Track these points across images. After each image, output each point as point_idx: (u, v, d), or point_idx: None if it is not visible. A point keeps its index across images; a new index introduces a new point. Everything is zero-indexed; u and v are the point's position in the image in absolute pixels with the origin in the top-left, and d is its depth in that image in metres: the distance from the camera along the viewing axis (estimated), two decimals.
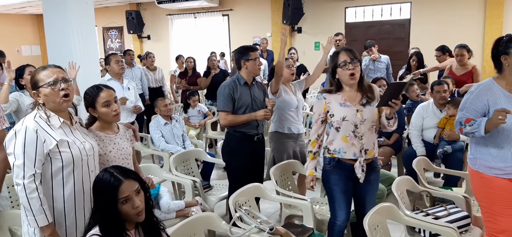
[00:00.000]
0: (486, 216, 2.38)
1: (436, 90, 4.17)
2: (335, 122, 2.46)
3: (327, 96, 2.50)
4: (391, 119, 2.44)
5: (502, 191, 2.26)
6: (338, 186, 2.52)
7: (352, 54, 2.43)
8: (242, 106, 3.09)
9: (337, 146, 2.48)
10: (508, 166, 2.24)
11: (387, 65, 6.32)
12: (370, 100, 2.48)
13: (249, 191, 2.71)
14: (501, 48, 2.26)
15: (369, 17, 9.20)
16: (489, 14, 7.78)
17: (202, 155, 3.99)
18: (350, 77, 2.42)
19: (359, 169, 2.44)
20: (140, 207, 1.66)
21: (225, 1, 10.68)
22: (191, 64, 6.88)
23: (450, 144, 4.01)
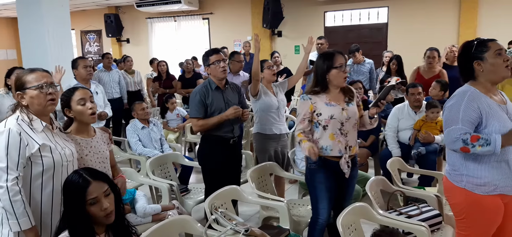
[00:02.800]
0: (462, 229, 2.23)
1: (411, 92, 4.27)
2: (322, 120, 2.53)
3: (312, 97, 2.57)
4: (373, 118, 2.61)
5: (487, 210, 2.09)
6: (323, 184, 2.59)
7: (345, 58, 2.56)
8: (215, 111, 3.07)
9: (324, 144, 2.54)
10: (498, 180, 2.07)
11: (370, 69, 6.42)
12: (351, 99, 2.60)
13: (225, 193, 2.71)
14: (474, 53, 2.11)
15: (348, 21, 9.33)
16: (463, 18, 8.00)
17: (179, 158, 3.97)
18: (344, 80, 2.54)
19: (344, 166, 2.53)
20: (108, 209, 1.65)
21: (205, 5, 10.67)
22: (163, 68, 6.85)
23: (424, 146, 4.11)
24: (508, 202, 2.12)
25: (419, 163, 4.14)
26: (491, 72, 2.07)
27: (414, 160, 4.16)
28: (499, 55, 2.06)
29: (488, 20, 7.74)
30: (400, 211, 2.72)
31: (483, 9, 7.84)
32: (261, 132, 3.61)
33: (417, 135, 4.21)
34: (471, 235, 2.19)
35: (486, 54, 2.07)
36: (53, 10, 4.68)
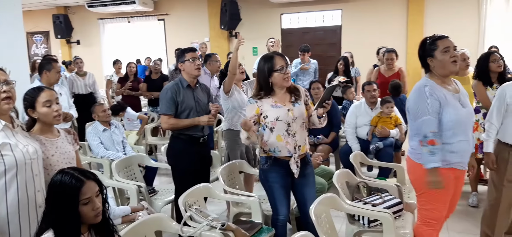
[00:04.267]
0: (423, 203, 2.53)
1: (366, 89, 4.50)
2: (269, 122, 2.57)
3: (258, 100, 2.61)
4: (322, 117, 2.64)
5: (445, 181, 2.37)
6: (277, 183, 2.63)
7: (285, 59, 2.59)
8: (185, 109, 3.08)
9: (272, 146, 2.59)
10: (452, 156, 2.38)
11: (315, 69, 6.65)
12: (298, 99, 2.64)
13: (198, 191, 2.74)
14: (426, 51, 2.43)
15: (304, 23, 9.58)
16: (411, 20, 8.49)
17: (145, 160, 3.92)
18: (286, 80, 2.56)
19: (294, 165, 2.57)
20: (99, 208, 1.64)
21: (161, 6, 10.52)
22: (133, 70, 6.69)
23: (381, 140, 4.35)
24: (458, 176, 2.49)
25: (377, 157, 4.37)
26: (440, 68, 2.39)
27: (373, 154, 4.39)
28: (446, 52, 2.36)
29: (433, 22, 8.27)
30: (365, 201, 2.88)
31: (429, 12, 8.36)
32: (232, 128, 3.67)
33: (374, 131, 4.45)
34: (431, 206, 2.48)
35: (435, 52, 2.39)
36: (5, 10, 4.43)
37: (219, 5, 9.42)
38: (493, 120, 2.80)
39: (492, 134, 2.81)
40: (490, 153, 2.82)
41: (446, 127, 2.36)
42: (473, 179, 4.10)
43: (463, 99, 2.44)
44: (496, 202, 2.87)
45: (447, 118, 2.34)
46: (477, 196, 4.07)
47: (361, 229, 2.77)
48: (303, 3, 9.06)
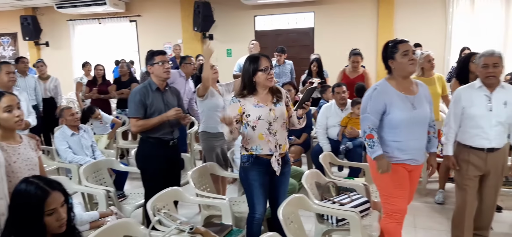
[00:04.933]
0: (385, 198, 2.70)
1: (336, 91, 4.59)
2: (251, 121, 2.63)
3: (241, 99, 2.66)
4: (301, 118, 2.73)
5: (397, 175, 2.59)
6: (256, 181, 2.68)
7: (270, 61, 2.67)
8: (154, 112, 3.05)
9: (254, 144, 2.65)
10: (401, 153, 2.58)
11: (291, 69, 6.73)
12: (280, 99, 2.71)
13: (167, 195, 2.72)
14: (388, 53, 2.60)
15: (277, 25, 9.65)
16: (381, 24, 8.68)
17: (114, 164, 3.86)
18: (270, 81, 2.64)
19: (275, 163, 2.64)
20: (64, 219, 1.62)
21: (132, 7, 10.37)
22: (100, 72, 6.56)
23: (351, 140, 4.43)
24: (412, 170, 2.67)
25: (347, 156, 4.45)
26: (400, 70, 2.56)
27: (343, 155, 4.48)
28: (405, 55, 2.53)
29: (403, 26, 8.50)
30: (334, 200, 2.93)
31: (399, 15, 8.58)
32: (207, 130, 3.67)
33: (344, 131, 4.53)
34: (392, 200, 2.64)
35: (396, 54, 2.55)
36: None
37: (192, 6, 9.36)
38: (451, 123, 2.92)
39: (450, 137, 2.93)
40: (449, 156, 2.94)
41: (394, 125, 2.54)
42: (441, 177, 4.24)
43: (417, 101, 2.58)
44: (463, 203, 2.98)
45: (394, 118, 2.53)
46: (444, 194, 4.20)
47: (329, 228, 2.83)
48: (276, 5, 9.13)
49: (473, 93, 2.84)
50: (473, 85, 2.89)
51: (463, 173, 2.92)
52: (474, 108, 2.81)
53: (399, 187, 2.63)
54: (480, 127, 2.80)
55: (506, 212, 3.88)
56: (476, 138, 2.83)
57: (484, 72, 2.78)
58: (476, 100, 2.81)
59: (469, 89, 2.89)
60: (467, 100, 2.84)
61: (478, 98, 2.81)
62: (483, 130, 2.80)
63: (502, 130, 2.84)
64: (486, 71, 2.76)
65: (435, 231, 3.59)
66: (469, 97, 2.84)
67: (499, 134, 2.83)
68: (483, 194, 3.00)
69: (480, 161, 2.85)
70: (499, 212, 3.87)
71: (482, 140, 2.82)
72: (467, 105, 2.83)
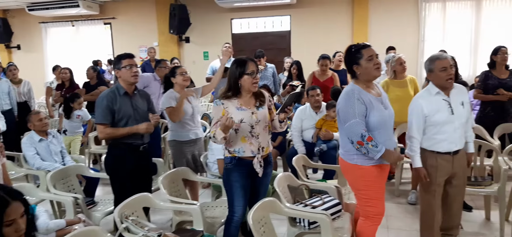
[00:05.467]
0: (365, 202, 2.66)
1: (310, 94, 4.61)
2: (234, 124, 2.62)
3: (224, 101, 2.67)
4: (283, 122, 2.76)
5: (377, 177, 2.61)
6: (238, 182, 2.69)
7: (257, 66, 2.68)
8: (123, 117, 2.98)
9: (237, 147, 2.66)
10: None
11: (273, 73, 6.75)
12: (263, 103, 2.73)
13: (136, 201, 2.66)
14: (352, 59, 2.58)
15: (254, 28, 9.66)
16: (356, 27, 8.80)
17: (84, 170, 3.76)
18: (254, 85, 2.65)
19: (257, 165, 2.66)
20: (22, 230, 1.56)
21: (107, 9, 10.19)
22: (66, 76, 6.40)
23: (325, 143, 4.45)
24: (385, 170, 2.68)
25: (322, 158, 4.47)
26: (365, 74, 2.57)
27: (317, 157, 4.49)
28: (370, 60, 2.54)
29: (377, 29, 8.64)
30: (306, 203, 2.92)
31: (373, 19, 8.71)
32: (177, 139, 3.61)
33: (319, 133, 4.55)
34: (372, 202, 2.63)
35: (360, 60, 2.55)
36: None
37: (167, 9, 9.27)
38: (415, 134, 2.84)
39: (416, 148, 2.86)
40: (419, 168, 2.85)
41: (373, 128, 2.52)
42: (414, 177, 4.29)
43: (385, 102, 2.63)
44: (430, 207, 2.98)
45: (373, 120, 2.51)
46: (416, 194, 4.25)
47: (301, 231, 2.82)
48: (252, 8, 9.13)
49: (433, 101, 2.81)
50: (430, 92, 2.84)
51: (432, 179, 2.88)
52: (438, 115, 2.78)
53: (379, 190, 2.65)
54: (445, 133, 2.80)
55: (476, 211, 3.96)
56: (443, 143, 2.82)
57: (445, 75, 2.75)
58: (438, 106, 2.79)
59: (428, 97, 2.83)
60: (429, 108, 2.79)
61: (439, 104, 2.79)
62: (449, 134, 2.80)
63: (463, 131, 2.89)
64: (446, 73, 2.75)
65: (407, 232, 3.63)
66: (430, 104, 2.80)
67: (462, 135, 2.88)
68: (450, 195, 3.03)
69: (448, 164, 2.86)
70: (470, 212, 3.95)
71: (449, 144, 2.82)
72: (431, 114, 2.79)
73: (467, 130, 2.97)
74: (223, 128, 2.48)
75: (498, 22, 8.09)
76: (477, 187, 3.51)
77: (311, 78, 5.68)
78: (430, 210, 2.99)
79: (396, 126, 4.31)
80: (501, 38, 7.92)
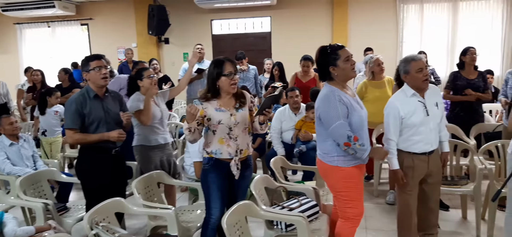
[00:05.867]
0: (345, 203, 2.61)
1: (289, 95, 4.59)
2: (212, 125, 2.61)
3: (204, 102, 2.63)
4: (263, 124, 2.71)
5: (356, 178, 2.59)
6: (215, 184, 2.65)
7: (235, 66, 2.63)
8: (94, 121, 2.88)
9: (214, 148, 2.62)
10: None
11: (254, 75, 6.71)
12: (243, 105, 2.68)
13: (107, 206, 2.57)
14: (328, 60, 2.52)
15: (234, 29, 9.60)
16: (336, 28, 8.84)
17: (55, 175, 3.64)
18: (233, 87, 2.60)
19: (234, 167, 2.62)
20: None
21: (84, 10, 9.98)
22: (38, 78, 6.20)
23: (305, 143, 4.44)
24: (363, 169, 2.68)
25: (301, 160, 4.45)
26: (343, 75, 2.54)
27: (297, 158, 4.48)
28: (347, 61, 2.51)
29: (356, 30, 8.70)
30: (283, 205, 2.89)
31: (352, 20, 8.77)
32: (145, 144, 3.49)
33: (298, 135, 4.54)
34: (352, 203, 2.60)
35: (338, 61, 2.51)
36: None
37: (146, 10, 9.13)
38: (392, 136, 2.84)
39: (393, 150, 2.86)
40: (397, 170, 2.86)
41: (354, 129, 2.48)
42: (391, 178, 4.31)
43: (359, 102, 2.63)
44: (407, 207, 2.99)
45: (354, 120, 2.48)
46: (394, 194, 4.27)
47: (279, 234, 2.78)
48: (232, 9, 9.07)
49: (409, 103, 2.81)
50: (405, 94, 2.84)
51: (408, 179, 2.89)
52: (414, 117, 2.79)
53: (359, 190, 2.63)
54: (421, 134, 2.81)
55: (453, 210, 4.00)
56: (420, 144, 2.84)
57: (421, 77, 2.76)
58: (414, 108, 2.80)
59: (404, 99, 2.83)
60: (405, 110, 2.79)
61: (415, 106, 2.80)
62: (424, 135, 2.82)
63: (438, 131, 2.94)
64: (423, 74, 2.76)
65: (385, 232, 3.64)
66: (406, 106, 2.80)
67: (437, 135, 2.93)
68: (427, 193, 3.05)
69: (424, 164, 2.89)
70: (447, 211, 3.99)
71: (425, 145, 2.84)
72: (407, 116, 2.79)
73: (441, 129, 3.00)
74: (188, 116, 2.47)
75: (474, 24, 8.25)
76: (454, 187, 3.54)
77: (294, 79, 5.68)
78: (408, 209, 3.00)
79: (375, 127, 4.34)
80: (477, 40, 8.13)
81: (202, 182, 2.75)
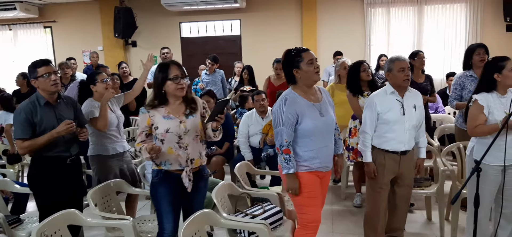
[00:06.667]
0: (299, 209, 2.61)
1: (256, 99, 4.53)
2: (159, 134, 2.46)
3: (150, 110, 2.48)
4: (217, 131, 2.57)
5: (308, 184, 2.52)
6: (166, 198, 2.50)
7: (182, 69, 2.49)
8: (46, 129, 2.71)
9: (163, 159, 2.48)
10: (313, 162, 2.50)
11: (221, 78, 6.63)
12: (194, 111, 2.54)
13: (59, 219, 2.42)
14: (292, 63, 2.49)
15: (204, 32, 9.48)
16: (305, 31, 8.87)
17: (8, 185, 3.43)
18: (180, 91, 2.46)
19: (186, 179, 2.47)
20: None
21: (47, 12, 9.61)
22: None
23: (272, 148, 4.39)
24: (323, 177, 2.61)
25: (269, 164, 4.40)
26: (306, 78, 2.49)
27: (265, 162, 4.42)
28: (310, 64, 2.46)
29: (325, 33, 8.75)
30: (246, 213, 2.82)
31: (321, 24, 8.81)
32: (102, 153, 3.30)
33: (266, 139, 4.48)
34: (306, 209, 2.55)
35: (301, 63, 2.47)
36: None
37: (112, 12, 8.89)
38: (367, 129, 2.96)
39: (367, 143, 2.97)
40: (370, 163, 2.96)
41: (305, 135, 2.46)
42: (356, 181, 4.32)
43: (324, 108, 2.55)
44: (376, 205, 3.04)
45: (305, 127, 2.45)
46: (361, 197, 4.28)
47: None
48: (202, 12, 8.95)
49: (386, 99, 2.91)
50: (385, 91, 2.95)
51: (379, 177, 2.97)
52: (389, 113, 2.88)
53: (313, 197, 2.56)
54: (395, 132, 2.89)
55: (418, 211, 4.04)
56: (392, 142, 2.91)
57: (402, 76, 2.86)
58: (391, 105, 2.89)
59: (383, 96, 2.94)
60: (382, 106, 2.90)
61: (392, 104, 2.90)
62: (398, 134, 2.89)
63: (413, 133, 2.98)
64: (404, 74, 2.86)
65: (351, 234, 3.63)
66: (383, 103, 2.91)
67: (412, 137, 2.97)
68: (398, 195, 3.10)
69: (395, 164, 2.95)
70: (411, 213, 4.03)
71: (398, 144, 2.91)
72: (383, 111, 2.89)
73: (420, 135, 3.06)
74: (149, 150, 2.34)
75: (438, 28, 8.44)
76: (418, 188, 3.57)
77: (267, 83, 5.64)
78: (376, 208, 3.04)
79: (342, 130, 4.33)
80: (441, 43, 8.35)
81: (152, 196, 2.59)
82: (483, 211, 2.71)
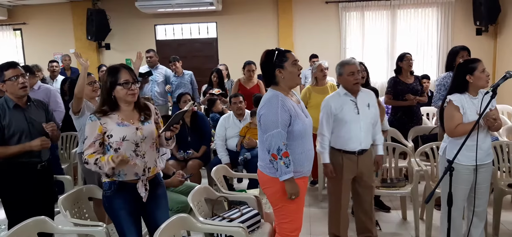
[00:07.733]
0: (282, 218, 2.49)
1: (233, 101, 4.51)
2: (114, 143, 2.28)
3: (101, 117, 2.30)
4: (170, 139, 2.47)
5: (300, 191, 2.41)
6: (123, 209, 2.34)
7: (133, 74, 2.35)
8: (15, 133, 2.62)
9: (117, 169, 2.28)
10: (303, 167, 2.44)
11: (191, 80, 6.52)
12: (148, 118, 2.43)
13: (28, 227, 2.32)
14: (275, 62, 2.40)
15: (179, 35, 9.38)
16: (281, 34, 8.90)
17: None
18: (131, 96, 2.32)
19: (142, 189, 2.35)
20: None
21: (16, 14, 9.30)
22: None
23: (249, 151, 4.36)
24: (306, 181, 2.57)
25: (246, 167, 4.38)
26: (290, 79, 2.43)
27: (242, 165, 4.40)
28: (295, 65, 2.43)
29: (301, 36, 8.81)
30: (223, 216, 2.78)
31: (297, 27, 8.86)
32: None
33: (243, 142, 4.45)
34: (290, 218, 2.48)
35: (285, 63, 2.41)
36: None
37: (85, 14, 8.68)
38: (324, 131, 3.03)
39: (326, 145, 3.04)
40: (327, 164, 3.03)
41: (297, 137, 2.39)
42: None
43: (304, 110, 2.55)
44: (337, 204, 3.12)
45: (297, 129, 2.38)
46: None
47: None
48: (177, 14, 8.85)
49: (340, 100, 3.00)
50: (339, 93, 3.05)
51: (338, 177, 3.04)
52: (343, 113, 2.96)
53: (298, 205, 2.48)
54: (351, 131, 2.97)
55: (394, 212, 4.10)
56: (349, 142, 2.99)
57: (352, 79, 2.95)
58: (345, 106, 2.97)
59: (337, 97, 3.04)
60: (337, 107, 2.98)
61: (346, 104, 2.98)
62: (354, 133, 2.97)
63: (369, 132, 3.07)
64: (353, 78, 2.95)
65: None
66: (338, 104, 2.98)
67: (367, 135, 3.05)
68: (360, 195, 3.17)
69: (352, 164, 3.02)
70: (388, 212, 4.08)
71: (354, 143, 2.99)
72: (337, 112, 2.97)
73: (376, 133, 3.15)
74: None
75: (411, 31, 8.64)
76: (392, 189, 3.62)
77: (237, 86, 5.56)
78: (337, 206, 3.10)
79: None
80: (414, 46, 8.53)
81: (107, 210, 2.41)
82: (456, 210, 2.77)
